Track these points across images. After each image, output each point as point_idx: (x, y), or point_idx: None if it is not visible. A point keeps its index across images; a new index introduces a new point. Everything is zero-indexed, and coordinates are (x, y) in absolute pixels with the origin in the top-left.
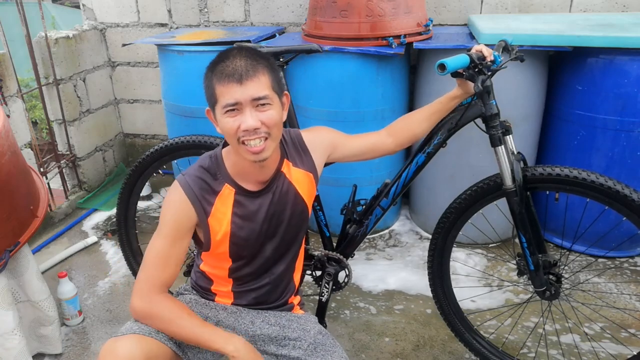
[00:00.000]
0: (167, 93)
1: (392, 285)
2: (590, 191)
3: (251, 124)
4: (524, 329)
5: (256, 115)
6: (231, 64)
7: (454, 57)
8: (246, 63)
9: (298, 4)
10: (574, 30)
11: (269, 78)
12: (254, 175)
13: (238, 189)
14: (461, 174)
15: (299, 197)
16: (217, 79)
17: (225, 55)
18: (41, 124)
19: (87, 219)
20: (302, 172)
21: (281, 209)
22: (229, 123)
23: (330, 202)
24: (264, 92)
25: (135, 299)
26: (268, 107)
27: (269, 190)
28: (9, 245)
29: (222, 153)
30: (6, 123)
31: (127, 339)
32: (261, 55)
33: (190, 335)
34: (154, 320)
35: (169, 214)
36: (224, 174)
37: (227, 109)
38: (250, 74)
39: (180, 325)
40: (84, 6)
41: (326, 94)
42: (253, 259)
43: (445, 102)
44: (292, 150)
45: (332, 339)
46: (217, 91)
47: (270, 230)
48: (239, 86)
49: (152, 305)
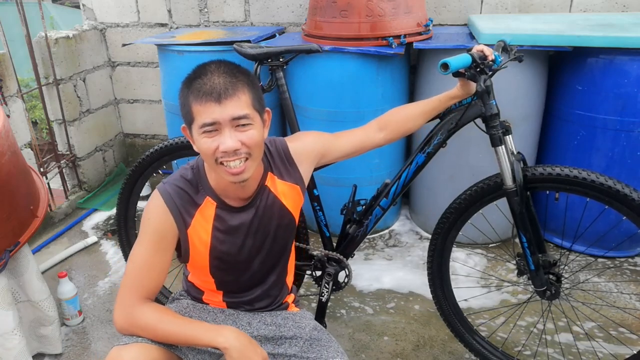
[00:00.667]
0: (167, 93)
1: (392, 285)
2: (590, 191)
3: (230, 145)
4: (524, 329)
5: (235, 136)
6: (209, 82)
7: (457, 57)
8: (225, 80)
9: (298, 4)
10: (574, 30)
11: (249, 96)
12: (235, 192)
13: (220, 203)
14: (461, 174)
15: (284, 210)
16: (194, 97)
17: (203, 71)
18: (41, 124)
19: (87, 219)
20: (287, 184)
21: (266, 222)
22: (206, 143)
23: (330, 202)
24: (244, 111)
25: (116, 312)
26: (249, 126)
27: (252, 205)
28: (9, 245)
29: (205, 165)
30: (6, 123)
31: (131, 347)
32: (241, 71)
33: (179, 336)
34: (138, 331)
35: (148, 222)
36: (205, 187)
37: (205, 129)
38: (230, 93)
39: (166, 329)
40: (84, 6)
41: (326, 94)
42: (241, 274)
43: (444, 100)
44: (278, 162)
45: (327, 334)
46: (193, 109)
47: (255, 244)
48: (218, 105)
49: (133, 316)
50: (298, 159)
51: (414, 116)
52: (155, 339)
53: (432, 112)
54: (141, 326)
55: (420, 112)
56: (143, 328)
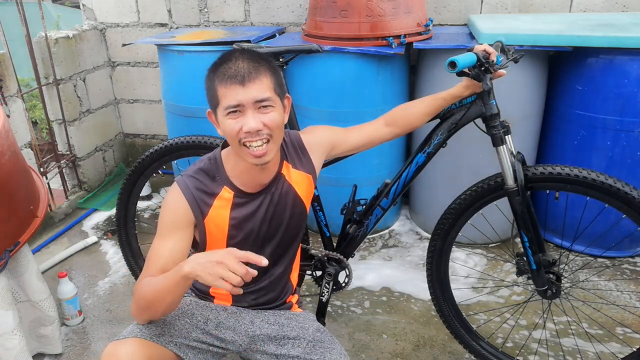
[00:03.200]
0: (167, 93)
1: (391, 285)
2: (590, 189)
3: (253, 125)
4: (524, 329)
5: (258, 117)
6: (233, 66)
7: (463, 55)
8: (248, 65)
9: (298, 4)
10: (574, 30)
11: (271, 80)
12: (254, 178)
13: (237, 192)
14: (461, 174)
15: (297, 199)
16: (219, 80)
17: (228, 57)
18: (41, 124)
19: (87, 219)
20: (301, 173)
21: (280, 210)
22: (230, 125)
23: (330, 202)
24: (266, 94)
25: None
26: (270, 109)
27: (268, 191)
28: (9, 245)
29: (222, 155)
30: (6, 123)
31: (128, 342)
32: (263, 57)
33: (162, 289)
34: (142, 304)
35: (166, 214)
36: (222, 176)
37: (229, 110)
38: (253, 76)
39: (150, 289)
40: (84, 6)
41: (326, 94)
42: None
43: (448, 99)
44: (292, 151)
45: (330, 336)
46: (219, 93)
47: (269, 232)
48: (242, 88)
49: (134, 293)
50: (310, 150)
51: (419, 114)
52: (151, 305)
53: (436, 110)
54: (137, 298)
55: (425, 110)
56: (139, 298)
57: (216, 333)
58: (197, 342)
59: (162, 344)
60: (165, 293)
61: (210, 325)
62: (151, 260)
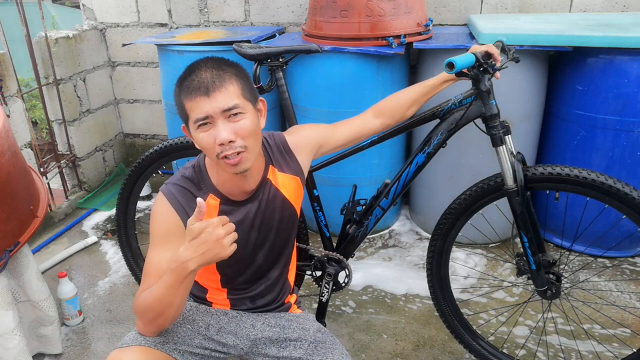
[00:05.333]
0: (167, 93)
1: (391, 285)
2: (590, 190)
3: (225, 136)
4: (524, 329)
5: (229, 127)
6: (197, 77)
7: (462, 56)
8: (212, 74)
9: (298, 4)
10: (574, 30)
11: (237, 87)
12: (238, 186)
13: (223, 199)
14: (461, 174)
15: (286, 202)
16: (185, 94)
17: (191, 69)
18: (41, 124)
19: (87, 219)
20: (288, 176)
21: (269, 215)
22: (204, 138)
23: (330, 202)
24: (234, 101)
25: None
26: (241, 116)
27: (254, 198)
28: (9, 245)
29: (206, 163)
30: (6, 123)
31: (132, 350)
32: (228, 64)
33: (165, 291)
34: (150, 316)
35: (157, 225)
36: (207, 184)
37: (199, 123)
38: (217, 85)
39: (160, 297)
40: (84, 6)
41: (326, 94)
42: (245, 268)
43: (438, 84)
44: (277, 155)
45: (332, 336)
46: (186, 107)
47: (260, 237)
48: (207, 99)
49: (134, 307)
50: (296, 151)
51: (408, 103)
52: (161, 313)
53: (426, 97)
54: (144, 311)
55: (415, 98)
56: (146, 310)
57: (218, 338)
58: (199, 348)
59: (165, 352)
60: (172, 297)
61: (211, 331)
62: (150, 272)
